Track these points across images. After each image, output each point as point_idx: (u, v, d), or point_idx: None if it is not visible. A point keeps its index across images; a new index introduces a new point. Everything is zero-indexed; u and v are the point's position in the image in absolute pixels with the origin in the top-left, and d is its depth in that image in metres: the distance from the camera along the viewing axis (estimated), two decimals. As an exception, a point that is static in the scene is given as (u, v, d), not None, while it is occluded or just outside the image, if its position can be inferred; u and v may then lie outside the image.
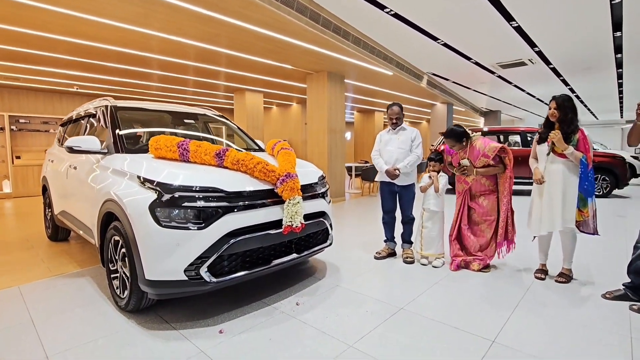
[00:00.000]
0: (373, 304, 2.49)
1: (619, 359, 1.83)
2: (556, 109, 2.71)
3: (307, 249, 2.74)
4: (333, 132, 7.35)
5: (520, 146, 8.30)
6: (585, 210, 2.71)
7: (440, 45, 6.29)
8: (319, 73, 7.17)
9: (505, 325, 2.18)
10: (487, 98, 12.74)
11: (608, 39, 5.94)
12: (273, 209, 2.41)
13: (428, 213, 3.25)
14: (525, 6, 4.67)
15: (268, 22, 4.45)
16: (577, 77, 9.11)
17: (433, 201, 3.23)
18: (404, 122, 3.51)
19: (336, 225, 5.08)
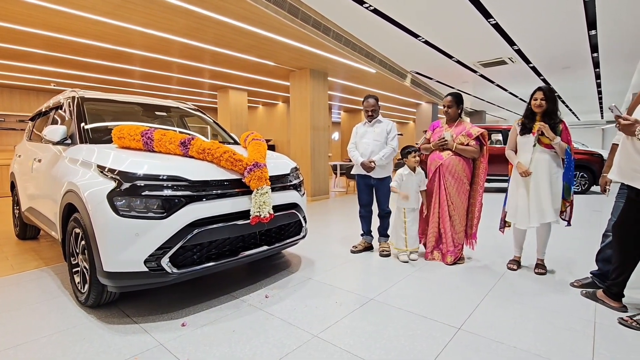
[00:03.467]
0: (343, 296, 2.46)
1: (582, 342, 1.83)
2: (543, 100, 2.70)
3: (279, 241, 2.69)
4: (316, 130, 7.32)
5: (502, 144, 8.41)
6: (570, 199, 2.73)
7: (421, 43, 6.33)
8: (301, 70, 7.14)
9: (473, 313, 2.17)
10: (472, 98, 12.90)
11: (584, 37, 6.06)
12: (241, 199, 2.35)
13: (409, 211, 3.18)
14: (501, 2, 4.73)
15: (247, 16, 4.40)
16: (557, 77, 9.28)
17: (414, 200, 3.18)
18: (379, 115, 3.50)
19: (317, 222, 5.09)
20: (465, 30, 5.72)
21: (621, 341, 1.85)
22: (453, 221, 3.10)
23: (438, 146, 3.11)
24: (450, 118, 3.19)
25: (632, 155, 1.98)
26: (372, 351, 1.77)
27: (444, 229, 3.13)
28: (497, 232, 3.12)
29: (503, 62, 7.58)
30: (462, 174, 3.05)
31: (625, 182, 2.02)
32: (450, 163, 3.05)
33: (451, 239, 3.10)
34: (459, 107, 3.14)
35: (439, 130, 3.23)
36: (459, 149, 3.02)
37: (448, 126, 3.19)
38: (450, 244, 3.10)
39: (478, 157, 3.08)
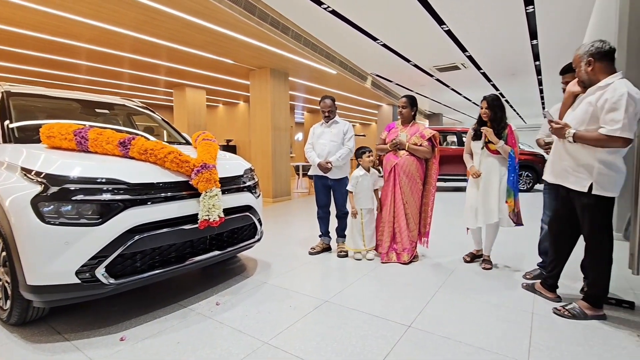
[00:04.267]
0: (298, 299, 2.42)
1: (520, 333, 1.93)
2: (487, 109, 2.89)
3: (232, 245, 2.60)
4: (277, 130, 7.23)
5: (456, 145, 8.82)
6: (510, 200, 2.88)
7: (380, 46, 6.46)
8: (261, 69, 7.01)
9: (423, 310, 2.21)
10: (429, 101, 13.43)
11: (527, 46, 6.50)
12: (188, 202, 2.23)
13: (366, 212, 3.25)
14: (452, 10, 4.94)
15: (200, 11, 4.23)
16: (504, 82, 9.91)
17: (369, 200, 3.26)
18: (336, 116, 3.51)
19: (277, 223, 5.01)
20: (420, 35, 5.92)
21: (555, 330, 1.97)
22: (408, 220, 3.17)
23: (393, 146, 3.17)
24: (404, 119, 3.26)
25: (563, 156, 2.12)
26: (323, 354, 1.74)
27: (400, 227, 3.18)
28: (450, 230, 3.24)
29: (456, 67, 7.95)
30: (415, 174, 3.13)
31: (558, 181, 2.17)
32: (404, 163, 3.12)
33: (407, 237, 3.16)
34: (412, 108, 3.22)
35: (394, 131, 3.29)
36: (412, 149, 3.10)
37: (403, 127, 3.26)
38: (406, 242, 3.16)
39: (430, 158, 3.18)
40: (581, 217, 2.09)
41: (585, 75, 2.03)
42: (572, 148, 2.06)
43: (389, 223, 3.22)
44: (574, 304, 2.14)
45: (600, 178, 1.95)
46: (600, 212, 2.01)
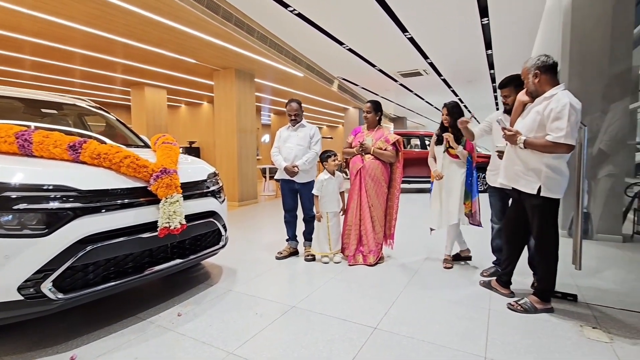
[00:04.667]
0: (265, 306, 2.38)
1: (478, 329, 2.03)
2: (447, 115, 3.05)
3: (194, 253, 2.50)
4: (243, 132, 7.09)
5: (420, 148, 9.14)
6: (468, 202, 3.02)
7: (346, 50, 6.56)
8: (226, 70, 6.85)
9: (388, 311, 2.26)
10: (394, 105, 13.84)
11: (482, 55, 6.90)
12: (147, 209, 2.12)
13: (332, 215, 3.27)
14: (414, 19, 5.13)
15: (158, 7, 4.05)
16: (463, 89, 10.45)
17: (334, 203, 3.28)
18: (303, 119, 3.50)
19: (243, 228, 4.90)
20: (385, 42, 6.09)
21: (509, 325, 2.09)
22: (374, 222, 3.23)
23: (359, 150, 3.22)
24: (370, 124, 3.33)
25: (514, 161, 2.27)
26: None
27: (365, 230, 3.23)
28: (414, 230, 3.34)
29: (419, 73, 8.27)
30: (380, 177, 3.20)
31: (511, 184, 2.31)
32: (370, 166, 3.18)
33: (373, 240, 3.22)
34: (377, 113, 3.30)
35: (360, 135, 3.35)
36: (377, 153, 3.17)
37: (368, 132, 3.32)
38: (372, 244, 3.21)
39: (394, 162, 3.26)
40: (531, 217, 2.24)
41: (533, 86, 2.19)
42: (522, 153, 2.20)
43: (355, 226, 3.26)
44: (526, 299, 2.28)
45: (547, 181, 2.11)
46: (547, 213, 2.17)
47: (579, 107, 2.03)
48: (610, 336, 1.93)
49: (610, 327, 2.04)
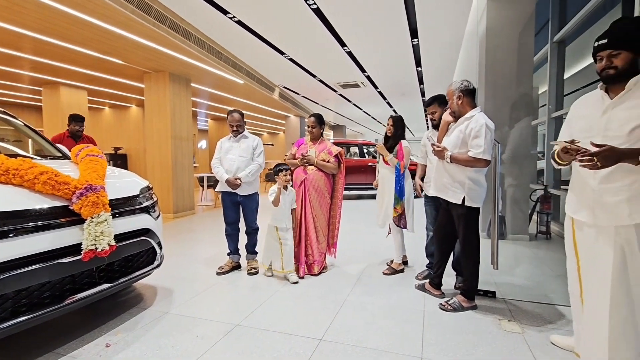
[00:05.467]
0: (206, 327, 2.27)
1: (415, 331, 2.18)
2: (392, 125, 3.31)
3: (125, 275, 2.29)
4: (179, 140, 6.70)
5: (358, 156, 9.54)
6: (398, 206, 3.23)
7: (287, 60, 6.61)
8: (159, 73, 6.43)
9: (333, 321, 2.32)
10: (334, 114, 14.26)
11: (413, 72, 7.49)
12: (68, 231, 1.90)
13: (283, 232, 3.12)
14: (352, 35, 5.38)
15: (80, 4, 3.67)
16: (397, 101, 11.19)
17: (286, 218, 3.15)
18: (245, 130, 3.44)
19: (180, 242, 4.61)
20: (325, 54, 6.28)
21: (441, 324, 2.28)
22: (317, 233, 3.27)
23: (302, 162, 3.26)
24: (313, 137, 3.38)
25: (442, 174, 2.50)
26: (235, 386, 1.67)
27: (310, 240, 3.26)
28: (355, 237, 3.47)
29: (357, 85, 8.66)
30: (324, 188, 3.27)
31: (440, 195, 2.55)
32: (313, 178, 3.23)
33: (317, 250, 3.26)
34: (320, 127, 3.38)
35: (303, 147, 3.39)
36: (321, 164, 3.24)
37: (312, 144, 3.37)
38: (316, 254, 3.25)
39: (337, 173, 3.37)
40: (457, 224, 2.49)
41: (456, 106, 2.45)
42: (449, 167, 2.44)
43: (299, 237, 3.27)
44: (454, 298, 2.52)
45: (470, 192, 2.37)
46: (470, 220, 2.43)
47: (493, 127, 2.33)
48: (522, 327, 2.21)
49: (522, 318, 2.34)
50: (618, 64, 1.50)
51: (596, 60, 1.60)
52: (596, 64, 1.60)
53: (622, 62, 1.50)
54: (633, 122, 1.45)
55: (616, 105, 1.52)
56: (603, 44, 1.54)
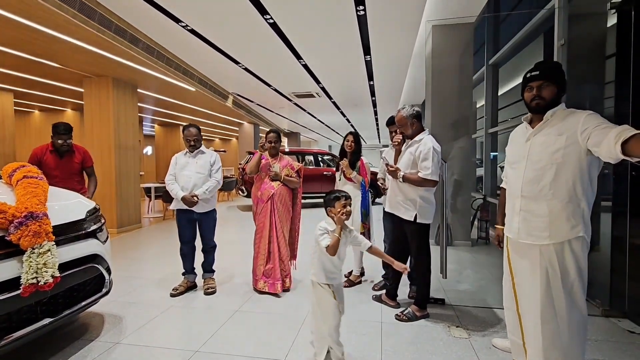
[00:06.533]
0: (162, 356, 2.16)
1: (374, 342, 2.29)
2: (353, 142, 3.38)
3: (69, 307, 2.11)
4: (123, 149, 6.27)
5: (313, 165, 9.67)
6: (366, 222, 3.35)
7: (242, 69, 6.54)
8: (100, 77, 5.98)
9: (295, 340, 2.34)
10: (288, 121, 14.30)
11: (365, 85, 7.82)
12: (3, 265, 1.71)
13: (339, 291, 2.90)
14: (308, 49, 5.49)
15: (11, 3, 3.32)
16: (350, 111, 11.56)
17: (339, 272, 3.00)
18: (202, 145, 3.34)
19: (127, 260, 4.31)
20: (280, 65, 6.31)
21: (398, 334, 2.42)
22: (286, 246, 3.27)
23: (272, 178, 3.24)
24: (274, 152, 3.37)
25: (396, 192, 2.67)
26: (199, 419, 1.62)
27: (281, 255, 3.23)
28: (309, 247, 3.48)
29: (312, 95, 8.81)
30: (288, 202, 3.30)
31: (393, 212, 2.71)
32: (280, 193, 3.23)
33: (287, 263, 3.26)
34: (281, 142, 3.41)
35: (266, 162, 3.35)
36: (287, 180, 3.25)
37: (273, 159, 3.35)
38: (287, 268, 3.26)
39: (297, 187, 3.40)
40: (410, 239, 2.66)
41: (410, 130, 2.63)
42: (402, 186, 2.62)
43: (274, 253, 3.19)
44: (409, 309, 2.68)
45: (421, 210, 2.55)
46: (422, 235, 2.62)
47: (439, 149, 2.54)
48: (468, 332, 2.43)
49: (468, 323, 2.57)
50: (546, 95, 1.68)
51: (525, 90, 1.78)
52: (524, 93, 1.78)
53: (549, 94, 1.68)
54: (550, 146, 1.64)
55: (536, 133, 1.72)
56: (536, 75, 1.71)
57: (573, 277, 1.59)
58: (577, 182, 1.57)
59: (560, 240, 1.61)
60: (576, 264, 1.59)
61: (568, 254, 1.60)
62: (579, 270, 1.60)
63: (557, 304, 1.61)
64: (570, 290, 1.60)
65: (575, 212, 1.59)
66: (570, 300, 1.60)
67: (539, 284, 1.64)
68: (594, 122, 1.50)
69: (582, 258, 1.60)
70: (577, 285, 1.59)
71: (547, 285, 1.63)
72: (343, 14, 4.27)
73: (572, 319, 1.60)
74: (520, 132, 1.87)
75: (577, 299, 1.61)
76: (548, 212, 1.64)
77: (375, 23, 4.55)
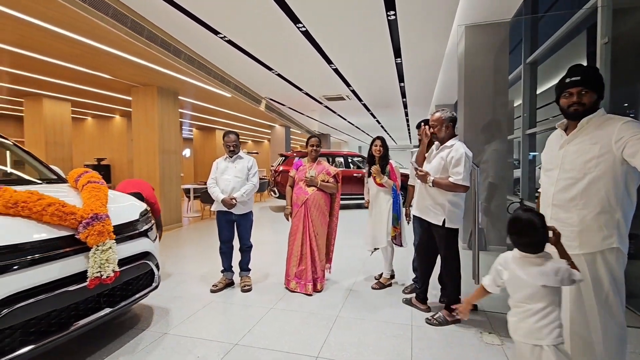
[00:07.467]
0: (205, 347, 2.35)
1: (404, 345, 2.34)
2: (382, 147, 3.41)
3: (125, 299, 2.36)
4: (167, 153, 6.71)
5: (343, 167, 9.74)
6: (398, 226, 3.40)
7: (274, 75, 6.76)
8: (147, 87, 6.44)
9: (327, 338, 2.45)
10: (318, 123, 14.46)
11: (396, 87, 7.78)
12: (74, 260, 1.97)
13: None
14: (339, 54, 5.59)
15: (72, 24, 3.71)
16: (381, 112, 11.51)
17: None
18: (241, 150, 3.54)
19: (171, 257, 4.64)
20: (312, 70, 6.46)
21: (428, 338, 2.45)
22: (319, 250, 3.37)
23: (308, 184, 3.38)
24: (313, 158, 3.48)
25: (425, 196, 2.70)
26: (240, 405, 1.77)
27: (314, 257, 3.34)
28: (343, 252, 3.58)
29: (342, 98, 8.89)
30: (324, 207, 3.40)
31: (422, 216, 2.74)
32: (314, 198, 3.35)
33: (319, 267, 3.36)
34: (321, 147, 3.52)
35: (302, 168, 3.48)
36: (323, 185, 3.37)
37: (310, 165, 3.48)
38: (319, 271, 3.35)
39: (335, 192, 3.49)
40: (438, 243, 2.68)
41: (443, 133, 2.65)
42: (431, 191, 2.64)
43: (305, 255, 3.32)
44: (440, 313, 2.70)
45: (450, 214, 2.57)
46: (451, 240, 2.63)
47: (471, 155, 2.55)
48: (501, 339, 2.41)
49: (501, 330, 2.54)
50: (586, 101, 1.63)
51: (561, 96, 1.72)
52: (560, 99, 1.72)
53: (589, 101, 1.62)
54: (584, 155, 1.60)
55: (570, 141, 1.69)
56: (576, 80, 1.64)
57: (607, 289, 1.57)
58: (611, 192, 1.54)
59: (592, 251, 1.58)
60: (610, 275, 1.56)
61: (601, 265, 1.57)
62: (614, 282, 1.57)
63: (590, 315, 1.59)
64: (605, 302, 1.58)
65: (609, 223, 1.56)
66: (605, 312, 1.58)
67: (568, 294, 1.63)
68: (630, 131, 1.47)
69: (618, 269, 1.57)
70: (612, 296, 1.57)
71: (578, 295, 1.61)
72: (373, 20, 4.33)
73: (608, 330, 1.58)
74: (555, 138, 1.84)
75: (614, 311, 1.58)
76: (578, 222, 1.61)
77: (406, 27, 4.56)
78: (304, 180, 3.39)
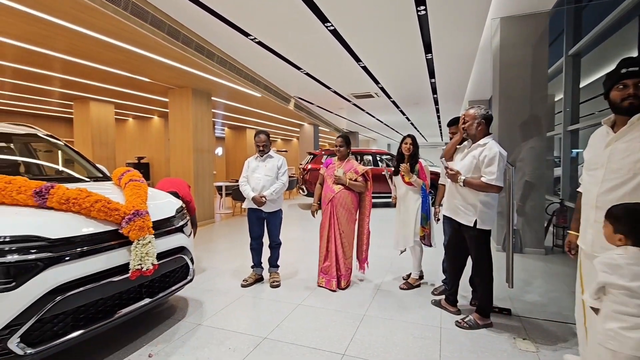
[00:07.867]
0: (236, 339, 2.45)
1: (432, 347, 2.31)
2: (412, 145, 3.38)
3: (163, 290, 2.50)
4: (200, 152, 6.99)
5: (371, 165, 9.66)
6: (427, 225, 3.36)
7: (303, 74, 6.82)
8: (182, 89, 6.74)
9: (354, 337, 2.46)
10: (347, 121, 14.41)
11: (427, 83, 7.59)
12: (117, 252, 2.12)
13: None
14: (367, 51, 5.55)
15: (115, 32, 3.96)
16: (410, 109, 11.27)
17: None
18: (271, 150, 3.63)
19: (204, 252, 4.85)
20: (340, 68, 6.46)
21: (458, 341, 2.40)
22: (344, 248, 3.41)
23: (336, 182, 3.41)
24: (341, 156, 3.52)
25: (455, 195, 2.63)
26: (268, 397, 1.83)
27: (337, 255, 3.38)
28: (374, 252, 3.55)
29: (371, 95, 8.80)
30: (350, 205, 3.41)
31: (452, 216, 2.67)
32: (341, 196, 3.38)
33: (344, 265, 3.40)
34: (348, 147, 3.52)
35: (331, 167, 3.52)
36: (351, 184, 3.39)
37: (339, 163, 3.51)
38: (343, 269, 3.39)
39: (364, 191, 3.49)
40: (469, 244, 2.61)
41: (474, 131, 2.56)
42: (462, 190, 2.57)
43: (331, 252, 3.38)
44: (470, 316, 2.63)
45: (481, 215, 2.49)
46: (482, 241, 2.55)
47: (505, 154, 2.45)
48: (536, 345, 2.32)
49: (537, 336, 2.44)
50: None
51: (613, 87, 1.59)
52: (612, 91, 1.60)
53: None
54: (633, 154, 1.51)
55: (618, 139, 1.59)
56: (635, 71, 1.52)
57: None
58: None
59: None
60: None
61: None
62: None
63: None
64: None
65: None
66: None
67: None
68: None
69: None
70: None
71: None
72: (402, 16, 4.25)
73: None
74: (600, 136, 1.74)
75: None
76: None
77: (436, 22, 4.44)
78: (332, 178, 3.42)
